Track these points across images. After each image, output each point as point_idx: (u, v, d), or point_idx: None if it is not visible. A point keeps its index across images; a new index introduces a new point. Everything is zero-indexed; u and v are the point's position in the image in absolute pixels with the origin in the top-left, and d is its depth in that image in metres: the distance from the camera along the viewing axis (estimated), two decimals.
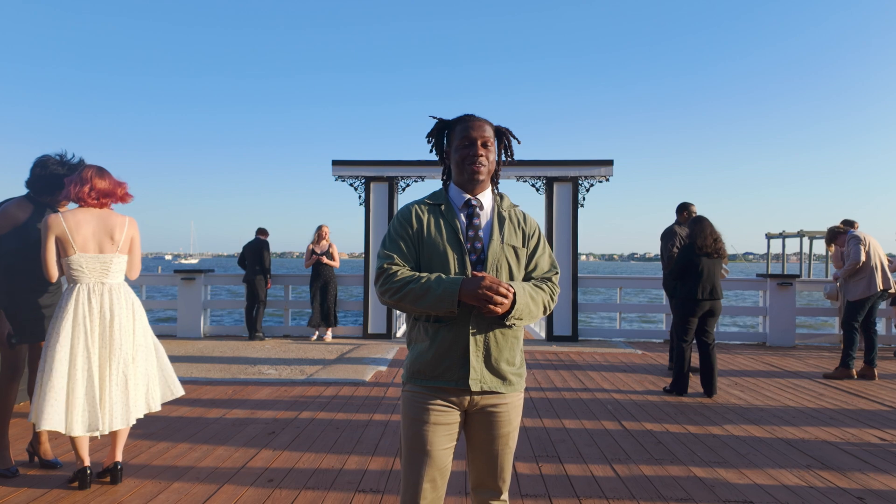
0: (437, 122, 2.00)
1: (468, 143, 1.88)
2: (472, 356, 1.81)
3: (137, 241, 3.29)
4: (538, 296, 1.85)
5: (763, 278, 9.09)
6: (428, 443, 1.82)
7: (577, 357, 7.50)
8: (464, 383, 1.81)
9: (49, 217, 3.08)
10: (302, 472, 3.39)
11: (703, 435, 4.18)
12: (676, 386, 5.42)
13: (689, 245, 5.44)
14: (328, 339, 8.84)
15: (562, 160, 8.94)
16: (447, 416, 1.84)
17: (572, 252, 8.94)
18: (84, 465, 3.10)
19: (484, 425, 1.88)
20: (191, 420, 4.44)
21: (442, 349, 1.81)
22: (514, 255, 1.89)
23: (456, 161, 1.91)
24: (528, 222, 1.98)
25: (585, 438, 4.08)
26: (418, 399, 1.85)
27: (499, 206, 1.95)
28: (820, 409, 4.98)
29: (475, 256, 1.85)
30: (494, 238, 1.87)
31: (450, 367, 1.82)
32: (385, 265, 1.84)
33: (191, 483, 3.21)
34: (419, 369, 1.85)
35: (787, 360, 7.41)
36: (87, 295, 3.09)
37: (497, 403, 1.87)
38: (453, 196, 1.94)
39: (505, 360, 1.86)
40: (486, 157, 1.88)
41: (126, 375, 3.14)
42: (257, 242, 9.11)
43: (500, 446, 1.90)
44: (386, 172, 9.05)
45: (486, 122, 1.92)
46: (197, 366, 6.61)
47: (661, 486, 3.23)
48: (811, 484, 3.29)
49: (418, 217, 1.89)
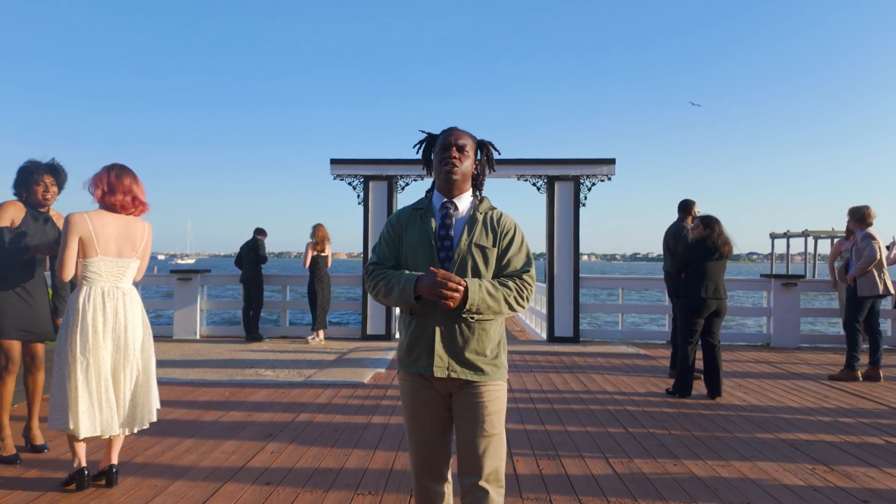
0: (426, 136, 2.22)
1: (444, 147, 2.09)
2: (437, 345, 2.01)
3: (150, 246, 3.30)
4: (497, 292, 1.98)
5: (767, 278, 9.02)
6: (414, 420, 2.09)
7: (579, 358, 7.44)
8: (430, 370, 2.01)
9: (72, 215, 3.02)
10: (301, 474, 3.35)
11: (706, 437, 4.12)
12: (679, 388, 5.35)
13: (698, 244, 5.36)
14: (321, 340, 8.71)
15: (563, 159, 8.89)
16: (428, 398, 2.07)
17: (573, 252, 8.89)
18: (82, 466, 3.05)
19: (464, 408, 2.04)
20: (187, 422, 4.39)
21: (413, 338, 2.06)
22: (482, 255, 2.05)
23: (436, 165, 2.12)
24: (503, 223, 2.12)
25: (586, 440, 4.03)
26: (406, 384, 2.11)
27: (476, 208, 2.13)
28: (824, 410, 4.92)
29: (444, 254, 2.05)
30: (463, 238, 2.05)
31: (420, 354, 2.04)
32: (370, 264, 2.13)
33: (188, 484, 3.17)
34: (401, 357, 2.12)
35: (791, 362, 7.34)
36: (101, 298, 3.05)
37: (476, 388, 2.04)
38: (434, 200, 2.15)
39: (473, 350, 2.02)
40: (459, 160, 2.07)
41: (138, 381, 3.14)
42: (254, 242, 9.03)
43: (476, 427, 2.02)
44: (385, 171, 8.99)
45: (465, 133, 2.12)
46: (193, 367, 6.56)
47: (664, 488, 3.18)
48: (815, 486, 3.24)
49: (401, 220, 2.14)
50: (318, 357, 7.33)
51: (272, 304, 9.53)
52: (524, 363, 7.01)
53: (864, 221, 6.40)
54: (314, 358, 7.26)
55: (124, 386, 3.08)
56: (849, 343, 6.28)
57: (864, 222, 6.39)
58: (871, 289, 6.17)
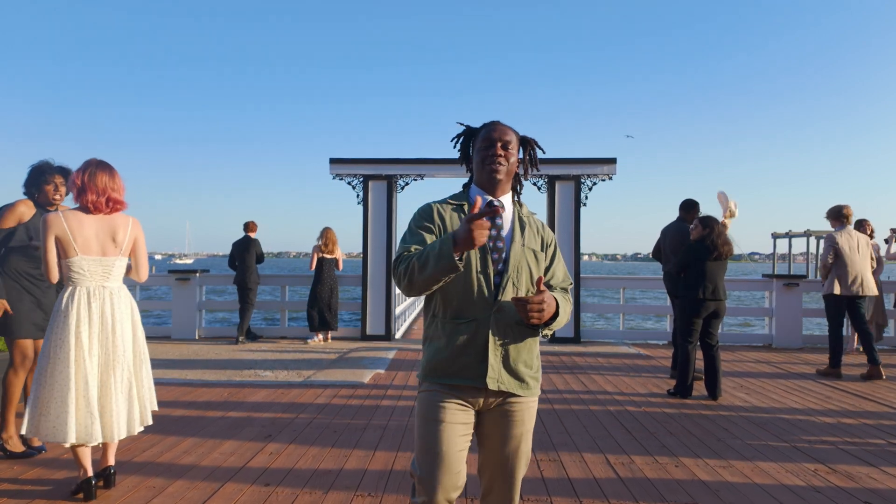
0: (465, 129, 2.05)
1: (489, 143, 1.92)
2: (491, 355, 1.81)
3: (142, 241, 3.18)
4: (568, 306, 1.92)
5: (769, 279, 8.99)
6: (443, 442, 1.79)
7: (579, 358, 7.42)
8: (481, 381, 1.81)
9: (48, 216, 2.95)
10: (300, 475, 3.33)
11: (708, 438, 4.10)
12: (680, 388, 5.33)
13: (697, 244, 5.34)
14: (327, 341, 8.71)
15: (564, 158, 8.85)
16: (462, 415, 1.83)
17: (574, 252, 8.86)
18: (88, 476, 2.94)
19: (497, 425, 1.87)
20: (187, 422, 4.37)
21: (460, 346, 1.82)
22: (535, 259, 1.92)
23: (477, 162, 1.95)
24: (546, 231, 2.03)
25: (587, 440, 4.01)
26: (434, 398, 1.83)
27: (519, 211, 1.99)
28: (826, 411, 4.89)
29: (497, 255, 1.86)
30: (516, 240, 1.90)
31: (468, 364, 1.81)
32: (402, 254, 1.84)
33: (187, 485, 3.14)
34: (435, 366, 1.85)
35: (793, 362, 7.31)
36: (87, 298, 2.95)
37: (512, 403, 1.87)
38: (475, 197, 1.91)
39: (523, 361, 1.87)
40: (505, 158, 1.91)
41: (130, 383, 3.03)
42: (246, 240, 8.77)
43: (511, 448, 1.87)
44: (384, 171, 8.96)
45: (510, 129, 1.96)
46: (192, 368, 6.54)
47: (665, 489, 3.16)
48: (816, 487, 3.22)
49: (440, 214, 1.92)
50: (318, 357, 7.31)
51: (271, 305, 9.46)
52: None
53: (838, 220, 6.45)
54: (313, 358, 7.23)
55: (115, 389, 2.96)
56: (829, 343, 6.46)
57: (838, 220, 6.44)
58: (828, 287, 6.34)
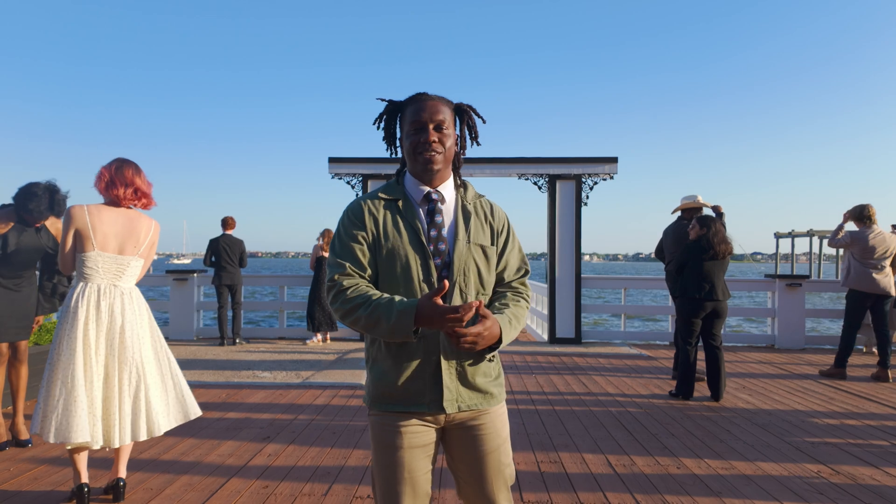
0: (387, 104, 1.73)
1: (419, 127, 1.63)
2: (445, 376, 1.59)
3: (155, 246, 3.17)
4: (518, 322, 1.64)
5: (772, 279, 8.94)
6: (406, 469, 1.58)
7: (580, 359, 7.38)
8: (437, 406, 1.59)
9: (72, 208, 2.92)
10: (299, 475, 3.31)
11: (710, 439, 4.06)
12: (682, 389, 5.29)
13: (695, 243, 5.30)
14: (326, 342, 8.67)
15: (565, 157, 8.81)
16: (423, 436, 1.62)
17: (575, 252, 8.82)
18: (82, 482, 2.85)
19: (468, 447, 1.65)
20: (185, 424, 4.31)
21: (408, 371, 1.58)
22: (483, 256, 1.66)
23: (408, 148, 1.66)
24: (497, 215, 1.75)
25: (588, 441, 3.98)
26: (388, 422, 1.61)
27: (462, 198, 1.71)
28: (829, 412, 4.85)
29: (439, 260, 1.61)
30: (460, 237, 1.63)
31: (420, 389, 1.59)
32: (336, 276, 1.58)
33: (187, 486, 3.12)
34: (383, 392, 1.61)
35: (796, 363, 7.27)
36: (96, 296, 2.87)
37: (479, 415, 1.65)
38: (410, 189, 1.69)
39: (481, 372, 1.65)
40: (440, 143, 1.63)
41: (139, 387, 2.90)
42: (232, 238, 8.43)
43: (490, 465, 1.65)
44: (384, 170, 8.91)
45: (440, 101, 1.65)
46: (190, 368, 6.51)
47: (666, 490, 3.13)
48: (820, 489, 3.18)
49: (372, 215, 1.64)
50: (317, 358, 7.28)
51: (269, 306, 9.43)
52: (525, 364, 6.95)
53: (861, 220, 6.40)
54: (311, 359, 7.21)
55: (121, 392, 2.85)
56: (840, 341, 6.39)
57: (861, 221, 6.39)
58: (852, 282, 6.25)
